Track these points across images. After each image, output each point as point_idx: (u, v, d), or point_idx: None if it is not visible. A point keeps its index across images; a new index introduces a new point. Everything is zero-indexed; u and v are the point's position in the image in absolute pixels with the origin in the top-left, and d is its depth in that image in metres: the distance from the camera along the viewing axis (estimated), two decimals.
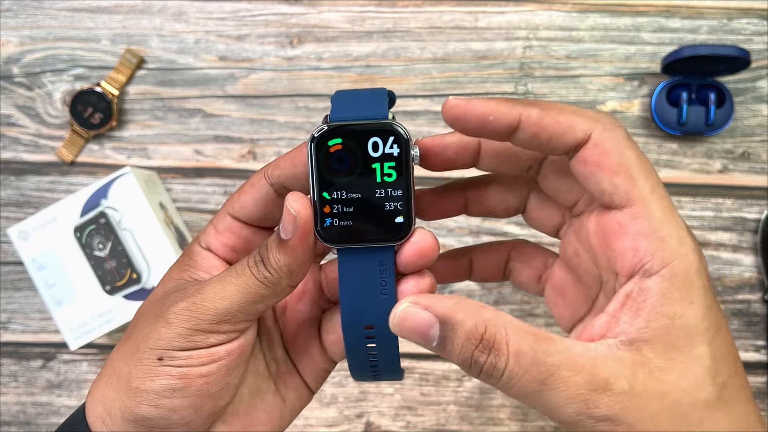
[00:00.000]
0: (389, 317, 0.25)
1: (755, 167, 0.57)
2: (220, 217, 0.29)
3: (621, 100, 0.58)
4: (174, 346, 0.26)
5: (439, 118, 0.58)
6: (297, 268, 0.26)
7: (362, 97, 0.27)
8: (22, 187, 0.59)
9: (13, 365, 0.59)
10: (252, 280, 0.26)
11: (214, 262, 0.29)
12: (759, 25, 0.58)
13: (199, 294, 0.26)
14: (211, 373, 0.26)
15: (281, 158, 0.28)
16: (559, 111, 0.25)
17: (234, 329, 0.27)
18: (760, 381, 0.57)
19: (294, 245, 0.25)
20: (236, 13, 0.59)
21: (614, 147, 0.24)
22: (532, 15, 0.58)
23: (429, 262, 0.27)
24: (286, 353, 0.32)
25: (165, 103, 0.59)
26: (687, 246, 0.24)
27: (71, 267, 0.53)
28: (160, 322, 0.26)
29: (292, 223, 0.25)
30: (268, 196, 0.28)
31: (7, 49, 0.60)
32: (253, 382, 0.30)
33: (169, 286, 0.28)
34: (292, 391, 0.31)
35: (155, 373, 0.26)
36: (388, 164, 0.26)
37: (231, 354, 0.27)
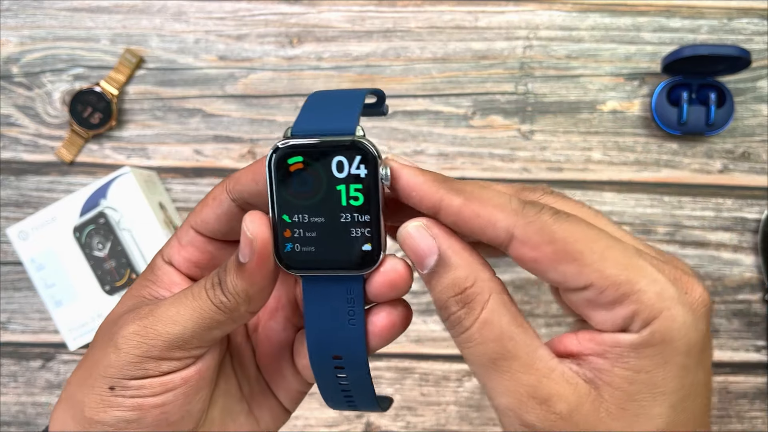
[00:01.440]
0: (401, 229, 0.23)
1: (755, 167, 0.57)
2: (184, 230, 0.27)
3: (621, 99, 0.58)
4: (125, 374, 0.24)
5: (439, 118, 0.58)
6: (255, 294, 0.24)
7: (333, 104, 0.24)
8: (22, 187, 0.59)
9: (12, 365, 0.59)
10: (207, 304, 0.24)
11: (175, 278, 0.27)
12: (759, 24, 0.58)
13: (151, 316, 0.24)
14: (168, 402, 0.24)
15: (242, 172, 0.26)
16: (481, 203, 0.22)
17: (188, 355, 0.25)
18: (760, 381, 0.57)
19: (252, 270, 0.23)
20: (236, 12, 0.59)
21: (543, 237, 0.22)
22: (533, 15, 0.58)
23: (401, 293, 0.25)
24: (258, 372, 0.30)
25: (165, 103, 0.59)
26: (669, 299, 0.21)
27: (71, 267, 0.53)
28: (110, 347, 0.24)
29: (249, 246, 0.23)
30: (230, 211, 0.26)
31: (6, 48, 0.60)
32: (225, 403, 0.28)
33: (128, 303, 0.26)
34: (266, 411, 0.29)
35: (108, 403, 0.24)
36: (355, 186, 0.23)
37: (188, 381, 0.25)
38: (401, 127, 0.58)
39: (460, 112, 0.58)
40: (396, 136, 0.58)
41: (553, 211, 0.22)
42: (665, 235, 0.58)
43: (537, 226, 0.22)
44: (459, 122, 0.58)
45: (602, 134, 0.58)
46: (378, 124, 0.58)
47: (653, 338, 0.21)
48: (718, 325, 0.58)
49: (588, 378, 0.22)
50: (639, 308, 0.21)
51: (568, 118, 0.58)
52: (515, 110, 0.58)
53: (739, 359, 0.57)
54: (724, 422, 0.57)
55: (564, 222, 0.22)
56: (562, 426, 0.22)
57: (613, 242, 0.22)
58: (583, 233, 0.22)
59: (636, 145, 0.58)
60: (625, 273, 0.21)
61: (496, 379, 0.22)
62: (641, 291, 0.21)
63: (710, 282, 0.57)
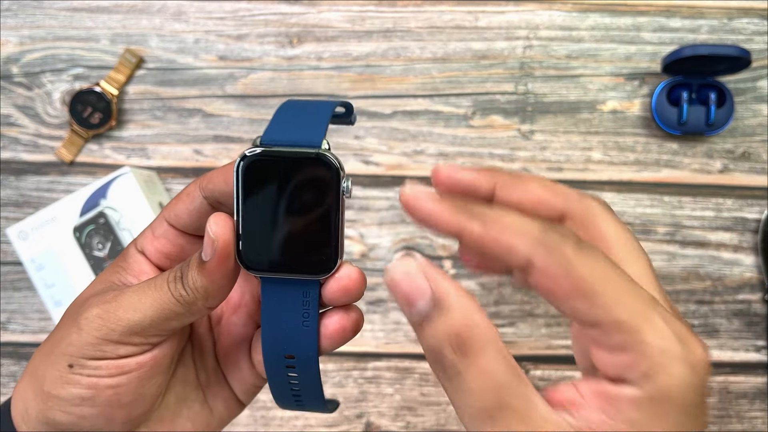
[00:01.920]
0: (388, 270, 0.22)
1: (755, 167, 0.57)
2: (158, 221, 0.28)
3: (621, 99, 0.58)
4: (84, 354, 0.25)
5: (439, 118, 0.58)
6: (214, 292, 0.25)
7: (303, 116, 0.25)
8: (22, 187, 0.59)
9: (12, 365, 0.59)
10: (168, 296, 0.25)
11: (145, 267, 0.28)
12: (759, 24, 0.58)
13: (115, 302, 0.26)
14: (121, 385, 0.26)
15: (215, 173, 0.27)
16: (500, 229, 0.22)
17: (145, 342, 0.26)
18: (760, 381, 0.57)
19: (211, 269, 0.25)
20: (236, 12, 0.59)
21: (560, 270, 0.21)
22: (533, 15, 0.58)
23: (354, 299, 0.26)
24: (216, 363, 0.31)
25: (164, 103, 0.59)
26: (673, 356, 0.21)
27: (70, 267, 0.53)
28: (74, 327, 0.26)
29: (211, 246, 0.24)
30: (201, 208, 0.27)
31: (6, 48, 0.60)
32: (181, 390, 0.29)
33: (97, 288, 0.28)
34: (221, 402, 0.30)
35: (66, 380, 0.25)
36: (316, 196, 0.24)
37: (143, 366, 0.26)
38: (401, 127, 0.58)
39: (460, 112, 0.58)
40: (396, 136, 0.58)
41: (575, 241, 0.22)
42: (665, 235, 0.58)
43: (556, 259, 0.21)
44: (459, 122, 0.58)
45: (602, 134, 0.58)
46: (378, 124, 0.58)
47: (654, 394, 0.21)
48: (718, 325, 0.58)
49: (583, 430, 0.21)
50: (642, 359, 0.21)
51: (568, 118, 0.58)
52: (515, 110, 0.58)
53: (739, 359, 0.57)
54: (724, 422, 0.57)
55: (585, 257, 0.21)
56: None
57: (630, 287, 0.22)
58: (602, 272, 0.21)
59: (636, 145, 0.58)
60: (635, 321, 0.21)
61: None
62: (647, 343, 0.21)
63: (710, 282, 0.57)
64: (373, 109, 0.58)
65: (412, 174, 0.58)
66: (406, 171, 0.58)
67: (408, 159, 0.58)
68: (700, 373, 0.21)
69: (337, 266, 0.25)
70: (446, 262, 0.58)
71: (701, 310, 0.57)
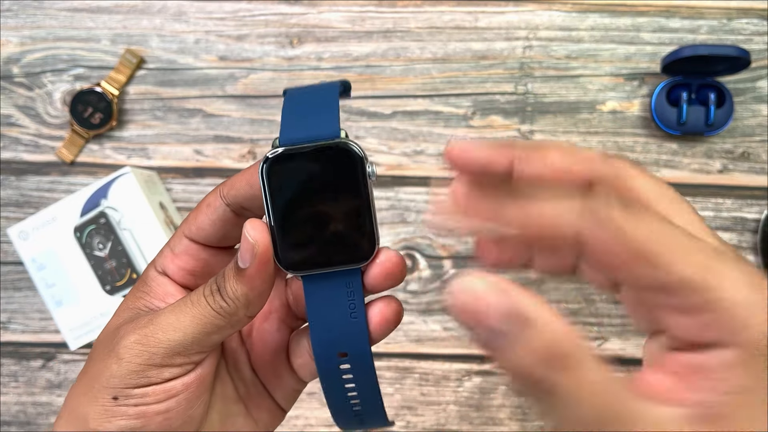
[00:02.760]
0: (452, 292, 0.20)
1: (755, 167, 0.57)
2: (177, 239, 0.28)
3: (621, 100, 0.58)
4: (128, 383, 0.25)
5: (439, 118, 0.58)
6: (255, 298, 0.25)
7: (312, 107, 0.25)
8: (22, 187, 0.59)
9: (13, 365, 0.59)
10: (207, 310, 0.25)
11: (170, 289, 0.28)
12: (759, 25, 0.58)
13: (151, 325, 0.25)
14: (170, 409, 0.25)
15: (236, 178, 0.27)
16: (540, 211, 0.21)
17: (189, 361, 0.25)
18: None
19: (252, 274, 0.24)
20: (236, 13, 0.59)
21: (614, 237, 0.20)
22: (532, 15, 0.58)
23: (397, 281, 0.26)
24: (254, 374, 0.30)
25: (165, 103, 0.59)
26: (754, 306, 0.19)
27: (71, 267, 0.53)
28: (112, 358, 0.25)
29: (250, 251, 0.24)
30: (225, 217, 0.27)
31: (7, 49, 0.60)
32: (223, 406, 0.29)
33: (124, 316, 0.27)
34: (264, 411, 0.30)
35: (112, 413, 0.25)
36: (345, 184, 0.24)
37: (189, 387, 0.26)
38: (401, 127, 0.58)
39: (460, 112, 0.58)
40: (396, 136, 0.58)
41: (621, 203, 0.20)
42: None
43: (607, 225, 0.20)
44: (459, 122, 0.58)
45: (602, 134, 0.58)
46: (378, 124, 0.58)
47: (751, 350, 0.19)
48: None
49: (699, 421, 0.19)
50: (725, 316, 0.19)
51: (568, 118, 0.58)
52: (515, 110, 0.58)
53: None
54: None
55: (636, 218, 0.20)
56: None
57: (690, 241, 0.20)
58: (657, 231, 0.20)
59: (636, 145, 0.58)
60: (705, 276, 0.19)
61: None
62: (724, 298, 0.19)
63: None
64: (373, 109, 0.58)
65: (412, 174, 0.58)
66: (406, 171, 0.58)
67: (408, 159, 0.58)
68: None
69: (376, 251, 0.25)
70: (446, 261, 0.58)
71: None
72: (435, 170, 0.58)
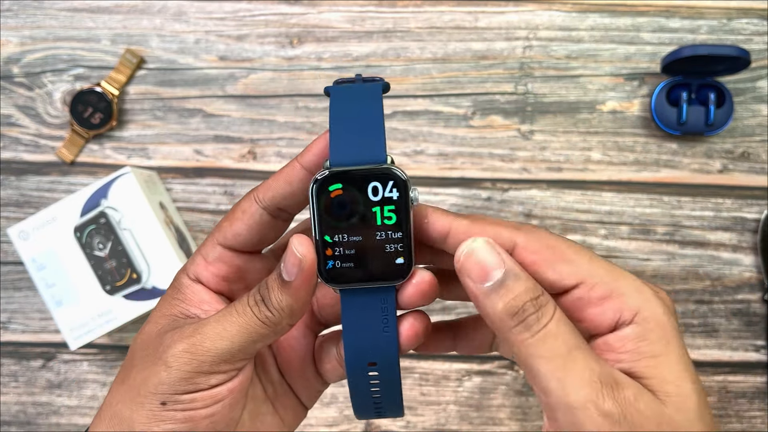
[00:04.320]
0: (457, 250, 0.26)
1: (755, 167, 0.57)
2: (210, 246, 0.29)
3: (621, 100, 0.58)
4: (176, 390, 0.26)
5: (439, 118, 0.58)
6: (298, 309, 0.26)
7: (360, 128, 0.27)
8: (22, 187, 0.59)
9: (13, 365, 0.59)
10: (253, 319, 0.26)
11: (204, 296, 0.29)
12: (759, 25, 0.58)
13: (198, 334, 0.26)
14: (216, 413, 0.27)
15: (272, 179, 0.28)
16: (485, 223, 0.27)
17: (234, 368, 0.27)
18: (759, 381, 0.57)
19: (297, 287, 0.26)
20: (236, 13, 0.59)
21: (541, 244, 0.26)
22: (532, 15, 0.58)
23: (429, 300, 0.27)
24: (281, 375, 0.32)
25: (165, 103, 0.59)
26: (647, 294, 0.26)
27: (71, 267, 0.53)
28: (160, 365, 0.26)
29: (297, 266, 0.25)
30: (262, 220, 0.28)
31: (7, 49, 0.60)
32: (253, 406, 0.30)
33: (162, 323, 0.28)
34: (290, 410, 0.32)
35: (160, 417, 0.26)
36: (388, 207, 0.26)
37: (233, 392, 0.27)
38: (401, 127, 0.58)
39: (460, 112, 0.58)
40: (396, 136, 0.58)
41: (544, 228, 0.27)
42: (664, 235, 0.58)
43: (536, 236, 0.26)
44: (459, 122, 0.58)
45: (602, 134, 0.58)
46: None
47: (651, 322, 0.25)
48: (717, 324, 0.58)
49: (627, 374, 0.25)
50: (625, 301, 0.25)
51: (568, 118, 0.58)
52: (515, 110, 0.58)
53: (739, 359, 0.57)
54: (724, 422, 0.57)
55: (556, 236, 0.27)
56: (634, 412, 0.23)
57: (594, 253, 0.27)
58: (571, 244, 0.27)
59: (635, 145, 0.58)
60: (610, 274, 0.26)
61: (572, 371, 0.24)
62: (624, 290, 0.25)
63: (709, 282, 0.58)
64: None
65: (412, 174, 0.58)
66: (406, 171, 0.58)
67: (408, 159, 0.58)
68: (670, 305, 0.26)
69: (412, 272, 0.27)
70: None
71: (700, 310, 0.58)
72: (435, 170, 0.58)
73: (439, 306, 0.58)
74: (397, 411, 0.30)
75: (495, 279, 0.25)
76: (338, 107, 0.27)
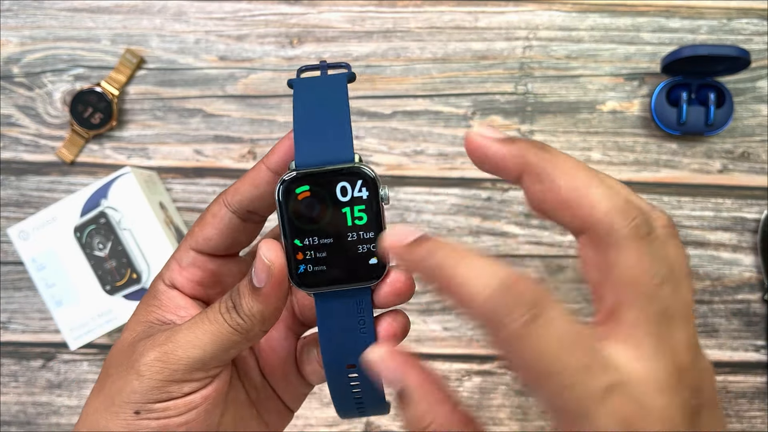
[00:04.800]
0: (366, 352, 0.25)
1: (755, 167, 0.57)
2: (183, 252, 0.29)
3: (621, 100, 0.58)
4: (149, 399, 0.26)
5: (439, 118, 0.58)
6: (269, 315, 0.26)
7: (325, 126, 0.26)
8: (22, 187, 0.59)
9: (13, 365, 0.59)
10: (225, 327, 0.26)
11: (180, 302, 0.29)
12: (759, 25, 0.58)
13: (170, 342, 0.26)
14: (191, 420, 0.26)
15: (239, 182, 0.27)
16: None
17: (207, 375, 0.26)
18: (759, 381, 0.57)
19: (267, 293, 0.25)
20: (236, 13, 0.59)
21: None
22: (532, 15, 0.58)
23: (405, 299, 0.27)
24: (264, 379, 0.31)
25: (165, 103, 0.59)
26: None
27: (71, 267, 0.53)
28: (132, 374, 0.26)
29: (266, 272, 0.25)
30: (231, 224, 0.28)
31: (7, 49, 0.60)
32: (236, 410, 0.30)
33: (138, 330, 0.28)
34: (274, 414, 0.31)
35: (134, 427, 0.26)
36: (358, 207, 0.25)
37: (207, 399, 0.27)
38: (401, 127, 0.58)
39: (460, 112, 0.58)
40: (396, 136, 0.58)
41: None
42: None
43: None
44: (459, 122, 0.58)
45: (602, 134, 0.58)
46: (378, 124, 0.58)
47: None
48: (717, 324, 0.58)
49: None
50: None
51: (568, 118, 0.58)
52: (515, 110, 0.58)
53: (739, 359, 0.57)
54: None
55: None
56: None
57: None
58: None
59: (635, 145, 0.58)
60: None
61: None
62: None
63: (709, 282, 0.58)
64: (373, 109, 0.58)
65: (412, 174, 0.58)
66: (406, 171, 0.58)
67: (408, 159, 0.58)
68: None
69: (387, 271, 0.26)
70: None
71: (700, 310, 0.58)
72: (435, 170, 0.58)
73: (440, 306, 0.58)
74: (380, 409, 0.29)
75: (397, 393, 0.24)
76: (301, 104, 0.26)
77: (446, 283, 0.21)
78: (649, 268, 0.21)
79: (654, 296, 0.20)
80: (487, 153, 0.23)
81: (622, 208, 0.21)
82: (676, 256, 0.22)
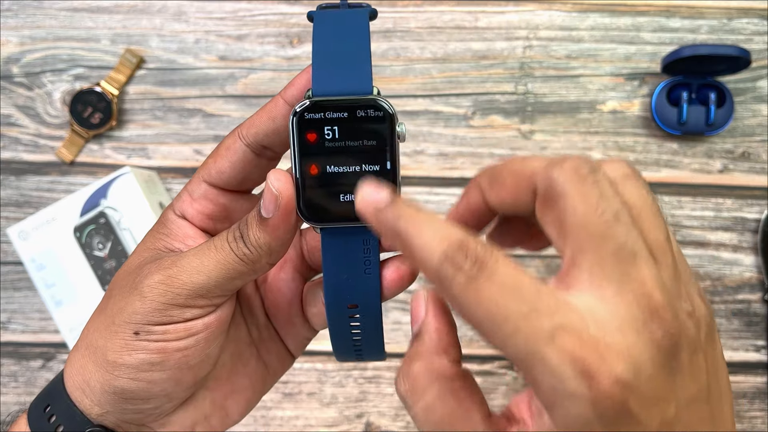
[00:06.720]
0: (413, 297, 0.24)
1: (755, 167, 0.57)
2: (195, 183, 0.28)
3: (621, 99, 0.58)
4: (150, 320, 0.25)
5: (439, 118, 0.58)
6: (277, 247, 0.25)
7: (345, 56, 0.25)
8: (22, 187, 0.59)
9: (13, 365, 0.59)
10: (231, 256, 0.25)
11: (189, 231, 0.28)
12: (759, 24, 0.58)
13: (175, 267, 0.26)
14: (189, 347, 0.26)
15: (256, 116, 0.27)
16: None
17: (210, 303, 0.26)
18: (759, 381, 0.57)
19: (275, 224, 0.25)
20: (236, 13, 0.59)
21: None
22: (532, 15, 0.58)
23: None
24: (267, 319, 0.31)
25: (165, 103, 0.59)
26: (564, 394, 0.19)
27: (71, 267, 0.53)
28: (135, 295, 0.26)
29: (274, 202, 0.24)
30: (245, 158, 0.27)
31: (7, 49, 0.60)
32: (236, 348, 0.30)
33: (144, 255, 0.28)
34: (274, 356, 0.31)
35: (132, 347, 0.26)
36: (374, 141, 0.25)
37: (209, 327, 0.26)
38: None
39: (460, 112, 0.58)
40: None
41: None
42: None
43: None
44: (459, 122, 0.58)
45: (602, 134, 0.58)
46: None
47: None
48: (717, 324, 0.58)
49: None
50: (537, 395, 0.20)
51: (568, 118, 0.58)
52: (515, 110, 0.58)
53: (739, 359, 0.57)
54: None
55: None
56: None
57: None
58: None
59: (636, 145, 0.58)
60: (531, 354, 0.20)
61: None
62: (540, 381, 0.19)
63: (710, 282, 0.58)
64: None
65: (412, 174, 0.58)
66: (406, 171, 0.58)
67: (408, 159, 0.58)
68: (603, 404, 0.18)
69: None
70: None
71: None
72: (435, 170, 0.58)
73: None
74: (378, 355, 0.29)
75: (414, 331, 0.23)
76: (321, 34, 0.26)
77: (408, 249, 0.21)
78: (596, 206, 0.20)
79: (606, 235, 0.20)
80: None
81: (559, 160, 0.21)
82: (632, 194, 0.21)
